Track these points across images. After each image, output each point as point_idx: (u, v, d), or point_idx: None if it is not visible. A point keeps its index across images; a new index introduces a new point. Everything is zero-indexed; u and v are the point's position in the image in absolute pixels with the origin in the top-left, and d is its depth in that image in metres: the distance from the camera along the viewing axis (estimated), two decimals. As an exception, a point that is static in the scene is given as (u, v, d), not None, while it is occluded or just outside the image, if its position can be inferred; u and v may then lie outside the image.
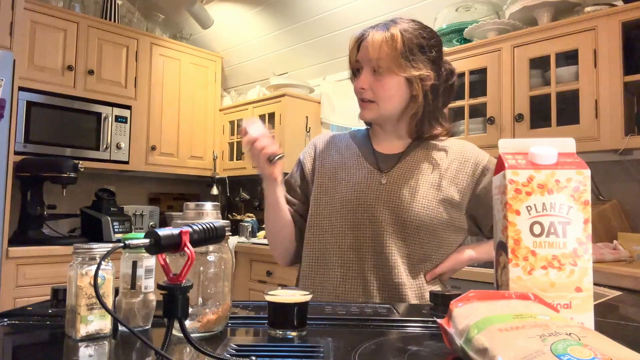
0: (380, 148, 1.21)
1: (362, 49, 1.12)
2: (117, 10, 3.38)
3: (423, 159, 1.16)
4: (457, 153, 1.18)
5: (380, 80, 1.11)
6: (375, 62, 1.10)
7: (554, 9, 2.15)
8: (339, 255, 1.12)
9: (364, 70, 1.12)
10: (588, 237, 0.64)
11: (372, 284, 1.09)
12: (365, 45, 1.11)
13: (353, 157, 1.21)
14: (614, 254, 1.76)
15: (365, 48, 1.11)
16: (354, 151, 1.22)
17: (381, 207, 1.10)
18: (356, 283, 1.10)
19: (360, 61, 1.13)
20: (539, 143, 0.68)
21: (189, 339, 0.59)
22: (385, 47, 1.09)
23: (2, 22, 2.46)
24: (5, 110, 2.36)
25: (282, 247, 1.24)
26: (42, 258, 2.60)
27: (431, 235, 1.10)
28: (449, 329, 0.59)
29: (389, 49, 1.09)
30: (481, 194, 1.15)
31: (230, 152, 3.71)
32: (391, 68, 1.10)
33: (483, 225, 1.19)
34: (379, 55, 1.09)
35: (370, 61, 1.11)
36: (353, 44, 1.14)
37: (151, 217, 3.57)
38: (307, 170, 1.25)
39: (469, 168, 1.16)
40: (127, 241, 0.58)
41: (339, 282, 1.11)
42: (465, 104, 2.32)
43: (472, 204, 1.15)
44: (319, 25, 3.20)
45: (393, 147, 1.20)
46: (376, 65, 1.10)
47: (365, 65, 1.12)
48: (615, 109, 1.88)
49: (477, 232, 1.22)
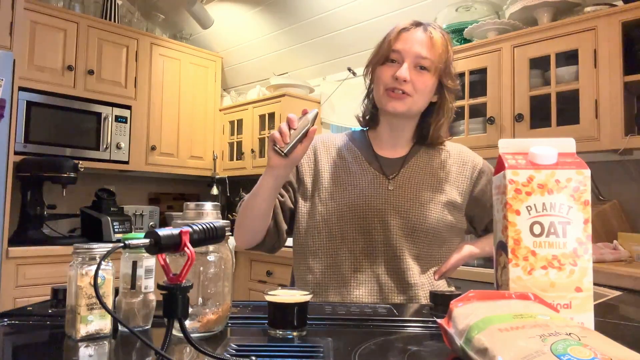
0: (383, 152, 1.21)
1: (407, 40, 1.11)
2: (117, 10, 3.37)
3: (426, 164, 1.19)
4: (456, 157, 1.22)
5: (423, 76, 1.11)
6: (423, 58, 1.10)
7: (554, 9, 2.15)
8: (352, 260, 1.12)
9: (408, 61, 1.10)
10: (588, 237, 0.64)
11: (388, 287, 1.11)
12: (416, 39, 1.10)
13: (356, 160, 1.20)
14: (614, 254, 1.76)
15: (417, 42, 1.10)
16: (356, 154, 1.21)
17: (390, 212, 1.12)
18: (372, 287, 1.11)
19: (402, 53, 1.10)
20: (539, 143, 0.68)
21: (189, 339, 0.59)
22: (441, 49, 1.11)
23: (2, 22, 2.46)
24: (5, 110, 2.36)
25: (251, 233, 1.17)
26: (42, 258, 2.60)
27: (437, 236, 1.14)
28: (449, 329, 0.59)
29: (443, 51, 1.11)
30: (478, 195, 1.21)
31: (230, 152, 3.71)
32: (438, 69, 1.11)
33: (477, 225, 1.25)
34: (431, 53, 1.10)
35: (418, 55, 1.10)
36: (396, 33, 1.12)
37: (151, 217, 3.57)
38: (305, 172, 1.22)
39: (468, 171, 1.21)
40: (127, 241, 0.58)
41: (353, 287, 1.11)
42: (465, 104, 2.32)
43: (470, 205, 1.21)
44: (319, 25, 3.20)
45: (395, 151, 1.21)
46: (422, 61, 1.10)
47: (409, 57, 1.10)
48: (615, 109, 1.88)
49: (472, 231, 1.27)
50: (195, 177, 3.82)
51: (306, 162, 1.23)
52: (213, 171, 3.75)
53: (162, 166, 3.45)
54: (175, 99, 3.54)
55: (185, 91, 3.60)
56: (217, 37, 3.79)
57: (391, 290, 1.11)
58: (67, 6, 3.15)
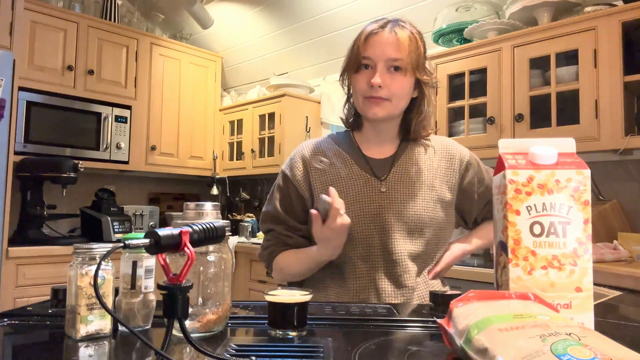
0: (370, 152, 1.19)
1: (376, 44, 1.09)
2: (117, 10, 3.38)
3: (415, 161, 1.18)
4: (442, 151, 1.21)
5: (397, 79, 1.09)
6: (395, 60, 1.08)
7: (554, 9, 2.15)
8: (351, 267, 1.12)
9: (380, 66, 1.08)
10: (588, 237, 0.64)
11: (386, 292, 1.10)
12: (384, 42, 1.08)
13: (345, 165, 1.17)
14: (614, 254, 1.76)
15: (385, 45, 1.08)
16: (344, 158, 1.18)
17: (386, 215, 1.11)
18: (370, 293, 1.10)
19: (373, 58, 1.09)
20: (539, 143, 0.68)
21: (189, 339, 0.59)
22: (410, 47, 1.09)
23: (2, 22, 2.46)
24: (5, 110, 2.36)
25: (290, 279, 1.23)
26: (42, 258, 2.60)
27: (432, 234, 1.14)
28: (449, 329, 0.59)
29: (413, 49, 1.09)
30: (467, 188, 1.20)
31: (230, 152, 3.71)
32: (412, 68, 1.10)
33: (468, 218, 1.24)
34: (401, 53, 1.08)
35: (389, 59, 1.08)
36: (363, 39, 1.11)
37: (151, 217, 3.57)
38: (302, 187, 1.17)
39: (456, 165, 1.20)
40: (127, 241, 0.58)
41: (354, 294, 1.11)
42: (465, 104, 2.32)
43: (459, 198, 1.20)
44: (319, 25, 3.20)
45: (383, 151, 1.19)
46: (394, 63, 1.09)
47: (381, 61, 1.08)
48: (615, 109, 1.88)
49: (463, 225, 1.27)
50: (195, 177, 3.82)
51: (299, 177, 1.18)
52: (213, 171, 3.75)
53: (162, 166, 3.45)
54: (175, 99, 3.54)
55: (185, 91, 3.60)
56: (217, 37, 3.79)
57: (389, 295, 1.10)
58: (67, 6, 3.15)
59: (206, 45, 3.87)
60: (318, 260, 1.10)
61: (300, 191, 1.17)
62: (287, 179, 1.19)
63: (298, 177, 1.18)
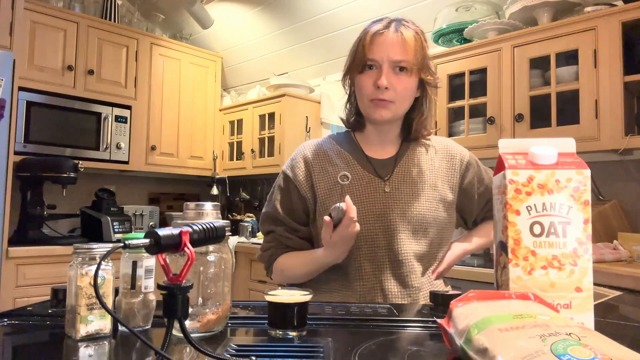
0: (372, 153, 1.19)
1: (381, 45, 1.07)
2: (117, 10, 3.38)
3: (417, 161, 1.18)
4: (443, 151, 1.22)
5: (402, 79, 1.09)
6: (401, 60, 1.07)
7: (554, 9, 2.15)
8: (356, 268, 1.11)
9: (385, 67, 1.07)
10: (588, 237, 0.64)
11: (392, 293, 1.10)
12: (390, 42, 1.07)
13: (348, 165, 1.16)
14: (614, 254, 1.76)
15: (391, 45, 1.07)
16: (346, 158, 1.17)
17: (390, 215, 1.11)
18: (377, 294, 1.10)
19: (379, 59, 1.07)
20: (539, 143, 0.68)
21: (189, 339, 0.59)
22: (415, 47, 1.08)
23: (2, 22, 2.46)
24: (5, 110, 2.36)
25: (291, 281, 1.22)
26: (42, 258, 2.60)
27: (435, 234, 1.14)
28: (449, 329, 0.59)
29: (418, 49, 1.09)
30: (467, 188, 1.21)
31: (230, 152, 3.71)
32: (417, 68, 1.09)
33: (468, 218, 1.25)
34: (407, 54, 1.07)
35: (395, 60, 1.07)
36: (369, 40, 1.09)
37: (151, 217, 3.57)
38: (304, 188, 1.16)
39: (457, 165, 1.21)
40: (127, 241, 0.58)
41: (360, 296, 1.10)
42: (465, 104, 2.32)
43: (460, 198, 1.20)
44: (319, 25, 3.20)
45: (385, 151, 1.19)
46: (400, 63, 1.08)
47: (386, 62, 1.07)
48: (615, 109, 1.88)
49: (462, 225, 1.27)
50: (195, 177, 3.82)
51: (302, 178, 1.17)
52: (213, 171, 3.75)
53: (162, 166, 3.45)
54: (175, 99, 3.54)
55: (185, 91, 3.60)
56: (217, 37, 3.79)
57: (395, 295, 1.10)
58: (67, 6, 3.15)
59: (206, 45, 3.87)
60: (322, 263, 1.10)
61: (301, 192, 1.16)
62: (289, 180, 1.18)
63: (300, 177, 1.17)
